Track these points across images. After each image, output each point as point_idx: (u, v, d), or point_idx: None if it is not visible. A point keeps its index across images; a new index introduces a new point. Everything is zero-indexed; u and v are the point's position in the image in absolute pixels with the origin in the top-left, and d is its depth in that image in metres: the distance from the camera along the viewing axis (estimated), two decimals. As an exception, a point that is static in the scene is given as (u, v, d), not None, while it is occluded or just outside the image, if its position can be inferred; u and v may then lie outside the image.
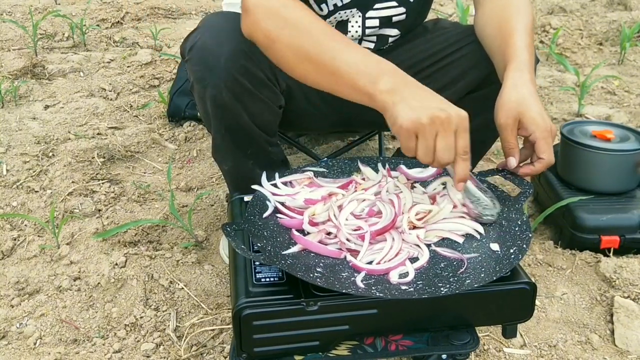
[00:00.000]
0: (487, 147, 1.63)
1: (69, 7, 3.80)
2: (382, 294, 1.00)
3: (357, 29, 1.49)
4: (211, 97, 1.34)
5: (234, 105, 1.35)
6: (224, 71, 1.31)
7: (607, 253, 1.71)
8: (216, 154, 1.50)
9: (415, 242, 1.13)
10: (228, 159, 1.48)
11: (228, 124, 1.39)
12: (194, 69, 1.35)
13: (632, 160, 1.75)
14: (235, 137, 1.42)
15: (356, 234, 1.13)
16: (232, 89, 1.32)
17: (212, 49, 1.31)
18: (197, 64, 1.33)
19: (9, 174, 2.09)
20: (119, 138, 2.31)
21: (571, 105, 2.67)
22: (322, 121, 1.66)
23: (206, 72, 1.32)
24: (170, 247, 1.75)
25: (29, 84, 2.75)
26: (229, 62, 1.30)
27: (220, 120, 1.39)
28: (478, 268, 1.07)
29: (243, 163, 1.47)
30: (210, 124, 1.42)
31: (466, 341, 1.10)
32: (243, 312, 1.00)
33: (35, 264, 1.68)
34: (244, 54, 1.31)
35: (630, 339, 1.43)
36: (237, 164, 1.48)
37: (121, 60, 3.07)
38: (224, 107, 1.35)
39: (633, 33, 3.17)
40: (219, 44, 1.31)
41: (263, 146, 1.47)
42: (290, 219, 1.19)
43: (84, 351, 1.41)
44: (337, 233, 1.13)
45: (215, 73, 1.31)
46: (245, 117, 1.38)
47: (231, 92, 1.33)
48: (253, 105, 1.38)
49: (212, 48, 1.31)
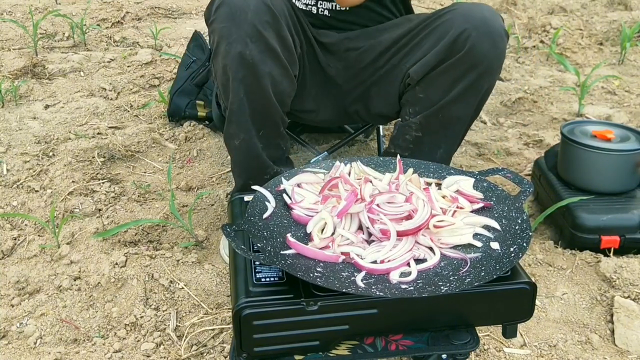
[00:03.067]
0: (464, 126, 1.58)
1: (69, 6, 3.80)
2: (382, 293, 1.00)
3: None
4: (237, 54, 1.37)
5: (258, 64, 1.38)
6: (250, 25, 1.36)
7: (607, 253, 1.71)
8: (229, 126, 1.50)
9: (429, 245, 1.13)
10: (241, 132, 1.49)
11: (249, 88, 1.41)
12: (219, 26, 1.38)
13: (632, 160, 1.75)
14: (253, 104, 1.44)
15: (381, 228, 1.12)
16: (257, 45, 1.37)
17: (239, 4, 1.36)
18: (223, 20, 1.37)
19: (9, 174, 2.09)
20: (119, 138, 2.31)
21: (571, 105, 2.67)
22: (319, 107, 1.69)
23: (233, 27, 1.36)
24: (171, 246, 1.75)
25: (29, 84, 2.75)
26: (255, 17, 1.36)
27: (241, 82, 1.41)
28: (478, 267, 1.07)
29: (253, 142, 1.49)
30: (229, 91, 1.43)
31: (466, 341, 1.10)
32: (243, 312, 1.00)
33: (36, 263, 1.68)
34: (268, 9, 1.37)
35: (630, 339, 1.43)
36: (247, 140, 1.49)
37: (121, 59, 3.07)
38: (249, 65, 1.38)
39: (633, 33, 3.17)
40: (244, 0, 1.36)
41: (276, 124, 1.49)
42: (304, 216, 1.19)
43: (84, 351, 1.41)
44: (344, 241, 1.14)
45: (242, 28, 1.36)
46: (267, 83, 1.41)
47: (257, 49, 1.37)
48: (275, 69, 1.41)
49: (237, 3, 1.37)
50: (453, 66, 1.45)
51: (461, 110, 1.51)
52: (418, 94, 1.52)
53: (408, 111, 1.56)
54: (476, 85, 1.47)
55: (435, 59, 1.46)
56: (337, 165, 1.34)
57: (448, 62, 1.45)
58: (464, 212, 1.20)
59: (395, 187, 1.23)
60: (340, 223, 1.16)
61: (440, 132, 1.55)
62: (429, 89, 1.50)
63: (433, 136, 1.55)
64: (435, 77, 1.48)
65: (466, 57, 1.43)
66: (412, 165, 1.36)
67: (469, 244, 1.14)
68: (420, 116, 1.53)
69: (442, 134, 1.55)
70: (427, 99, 1.51)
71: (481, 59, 1.43)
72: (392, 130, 2.40)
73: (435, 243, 1.13)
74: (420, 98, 1.52)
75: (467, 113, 1.53)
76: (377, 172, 1.33)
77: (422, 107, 1.52)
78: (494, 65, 1.46)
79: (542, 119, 2.58)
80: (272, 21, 1.37)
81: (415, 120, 1.54)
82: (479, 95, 1.50)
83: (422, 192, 1.21)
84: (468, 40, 1.41)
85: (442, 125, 1.53)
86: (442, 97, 1.49)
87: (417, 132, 1.55)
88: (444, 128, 1.54)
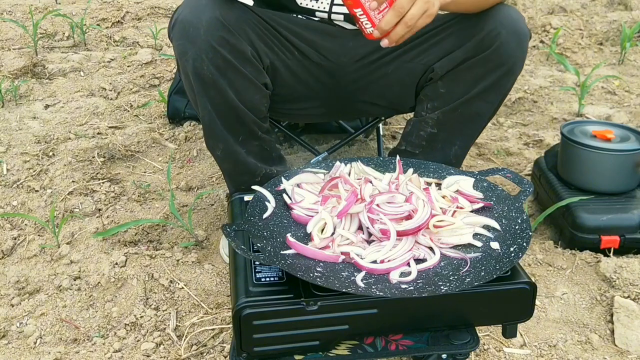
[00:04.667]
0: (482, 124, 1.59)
1: (69, 6, 3.80)
2: (382, 293, 1.00)
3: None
4: (193, 70, 1.37)
5: (217, 79, 1.38)
6: (204, 42, 1.35)
7: (607, 253, 1.71)
8: (207, 139, 1.50)
9: (429, 245, 1.13)
10: (219, 142, 1.48)
11: (213, 101, 1.41)
12: (176, 44, 1.39)
13: (632, 160, 1.75)
14: (223, 116, 1.43)
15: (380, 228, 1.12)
16: (213, 61, 1.36)
17: (192, 21, 1.36)
18: (179, 38, 1.37)
19: (9, 174, 2.09)
20: (119, 137, 2.31)
21: (571, 105, 2.67)
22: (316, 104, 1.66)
23: (187, 45, 1.36)
24: (171, 246, 1.75)
25: (29, 84, 2.75)
26: (208, 33, 1.35)
27: (206, 97, 1.40)
28: (478, 267, 1.07)
29: (234, 149, 1.48)
30: (198, 106, 1.43)
31: (466, 341, 1.11)
32: (243, 312, 1.00)
33: (36, 263, 1.68)
34: (221, 25, 1.36)
35: (630, 339, 1.43)
36: (228, 150, 1.48)
37: (121, 59, 3.07)
38: (207, 80, 1.38)
39: (633, 33, 3.17)
40: (197, 16, 1.36)
41: (253, 130, 1.47)
42: (304, 216, 1.19)
43: (84, 350, 1.41)
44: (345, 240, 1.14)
45: (196, 44, 1.35)
46: (231, 94, 1.40)
47: (213, 64, 1.36)
48: (237, 81, 1.40)
49: (191, 20, 1.36)
50: (479, 63, 1.45)
51: (482, 107, 1.52)
52: (440, 89, 1.51)
53: (426, 107, 1.55)
54: (499, 84, 1.48)
55: (463, 55, 1.47)
56: (337, 165, 1.34)
57: (474, 59, 1.46)
58: (464, 212, 1.20)
59: (395, 187, 1.24)
60: (340, 223, 1.16)
61: (456, 128, 1.54)
62: (451, 84, 1.50)
63: (449, 133, 1.54)
64: (459, 72, 1.48)
65: (493, 55, 1.43)
66: (412, 165, 1.37)
67: (469, 244, 1.14)
68: (439, 112, 1.52)
69: (458, 131, 1.55)
70: (449, 93, 1.50)
71: (507, 58, 1.44)
72: (392, 131, 2.41)
73: (435, 243, 1.13)
74: (442, 93, 1.51)
75: (487, 110, 1.54)
76: (377, 172, 1.33)
77: (442, 102, 1.52)
78: (518, 64, 1.47)
79: (542, 119, 2.58)
80: (227, 36, 1.36)
81: (433, 115, 1.53)
82: (501, 94, 1.51)
83: (422, 192, 1.21)
84: (497, 39, 1.42)
85: (459, 122, 1.53)
86: (464, 93, 1.49)
87: (432, 129, 1.54)
88: (462, 125, 1.54)
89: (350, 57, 1.57)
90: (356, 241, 1.13)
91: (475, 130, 1.59)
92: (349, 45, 1.57)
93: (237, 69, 1.38)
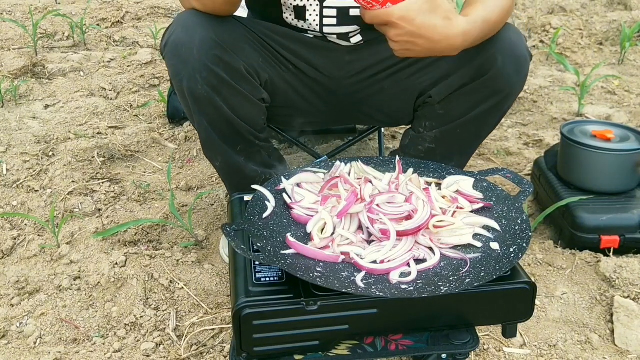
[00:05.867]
0: (480, 141, 1.59)
1: (69, 6, 3.80)
2: (382, 293, 1.00)
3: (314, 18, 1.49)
4: (188, 90, 1.35)
5: (212, 97, 1.36)
6: (197, 62, 1.32)
7: (607, 253, 1.71)
8: (206, 151, 1.50)
9: (429, 245, 1.13)
10: (217, 154, 1.48)
11: (209, 118, 1.39)
12: (169, 63, 1.36)
13: (632, 160, 1.75)
14: (220, 131, 1.42)
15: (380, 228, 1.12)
16: (207, 80, 1.34)
17: (184, 41, 1.33)
18: (172, 58, 1.35)
19: (9, 174, 2.09)
20: (119, 137, 2.31)
21: (571, 105, 2.67)
22: (317, 115, 1.65)
23: (180, 65, 1.33)
24: (170, 246, 1.75)
25: (29, 84, 2.76)
26: (202, 52, 1.32)
27: (202, 115, 1.39)
28: (478, 267, 1.07)
29: (234, 159, 1.47)
30: (194, 122, 1.42)
31: (466, 341, 1.11)
32: (243, 312, 1.00)
33: (35, 263, 1.68)
34: (215, 44, 1.33)
35: (630, 339, 1.43)
36: (227, 160, 1.48)
37: (121, 59, 3.07)
38: (202, 99, 1.36)
39: (633, 33, 3.17)
40: (190, 36, 1.33)
41: (251, 141, 1.47)
42: (304, 215, 1.19)
43: (84, 350, 1.41)
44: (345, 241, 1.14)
45: (190, 64, 1.32)
46: (226, 110, 1.38)
47: (207, 84, 1.34)
48: (232, 98, 1.38)
49: (184, 40, 1.33)
50: (476, 89, 1.43)
51: (480, 128, 1.51)
52: (437, 111, 1.50)
53: (424, 124, 1.53)
54: (497, 107, 1.46)
55: (460, 81, 1.45)
56: (337, 165, 1.34)
57: (471, 85, 1.44)
58: (464, 213, 1.20)
59: (395, 187, 1.23)
60: (340, 223, 1.16)
61: (454, 146, 1.54)
62: (449, 107, 1.48)
63: (447, 149, 1.54)
64: (457, 97, 1.46)
65: (490, 82, 1.41)
66: (412, 165, 1.37)
67: (469, 244, 1.14)
68: (437, 130, 1.52)
69: (457, 148, 1.54)
70: (447, 115, 1.49)
71: (505, 85, 1.42)
72: (392, 130, 2.41)
73: (435, 243, 1.13)
74: (440, 114, 1.50)
75: (485, 130, 1.54)
76: (377, 171, 1.33)
77: (440, 123, 1.51)
78: (516, 89, 1.45)
79: (542, 118, 2.58)
80: (221, 54, 1.34)
81: (431, 134, 1.52)
82: (499, 116, 1.50)
83: (422, 193, 1.21)
84: (494, 65, 1.39)
85: (458, 140, 1.52)
86: (462, 115, 1.47)
87: (430, 144, 1.54)
88: (460, 143, 1.53)
89: (345, 71, 1.56)
90: (356, 241, 1.13)
91: (474, 147, 1.59)
92: (344, 60, 1.55)
93: (232, 86, 1.37)
